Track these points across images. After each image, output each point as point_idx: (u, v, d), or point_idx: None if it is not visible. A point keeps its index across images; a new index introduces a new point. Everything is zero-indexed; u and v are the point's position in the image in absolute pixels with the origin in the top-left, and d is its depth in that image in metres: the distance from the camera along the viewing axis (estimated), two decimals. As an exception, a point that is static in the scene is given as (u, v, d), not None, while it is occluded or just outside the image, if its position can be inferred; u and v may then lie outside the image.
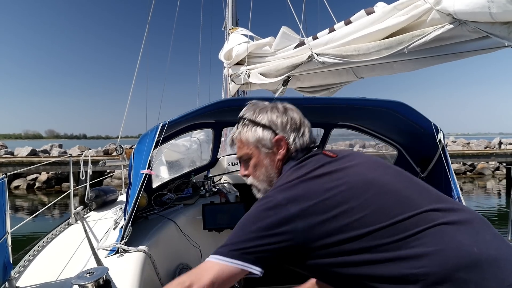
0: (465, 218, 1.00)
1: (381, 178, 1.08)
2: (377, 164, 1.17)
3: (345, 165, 1.13)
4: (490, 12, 1.88)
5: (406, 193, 1.04)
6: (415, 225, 0.95)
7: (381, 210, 0.99)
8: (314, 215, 0.99)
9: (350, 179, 1.06)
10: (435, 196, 1.07)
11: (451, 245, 0.92)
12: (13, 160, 17.66)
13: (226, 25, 6.47)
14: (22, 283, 1.69)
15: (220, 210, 2.65)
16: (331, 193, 1.02)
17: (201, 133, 4.57)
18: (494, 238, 0.97)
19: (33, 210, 13.91)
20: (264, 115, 1.31)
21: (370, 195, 1.01)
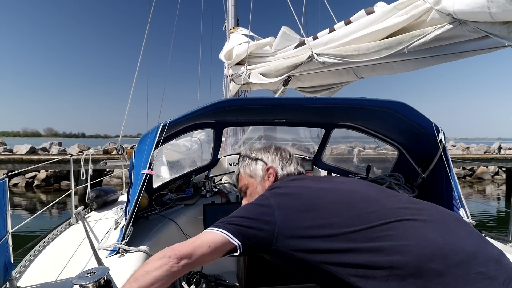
0: (436, 217, 1.09)
1: (354, 186, 1.30)
2: (356, 183, 1.38)
3: (325, 182, 1.38)
4: (489, 12, 1.88)
5: (376, 195, 1.21)
6: (379, 218, 1.07)
7: (350, 204, 1.15)
8: (290, 208, 1.18)
9: (325, 186, 1.31)
10: (406, 200, 1.20)
11: (415, 237, 1.00)
12: (12, 158, 17.64)
13: (227, 25, 6.46)
14: (23, 283, 1.70)
15: (221, 210, 2.65)
16: (306, 191, 1.26)
17: (201, 133, 4.57)
18: (469, 235, 1.04)
19: (32, 208, 13.91)
20: (257, 152, 1.60)
21: (340, 194, 1.21)
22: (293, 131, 4.59)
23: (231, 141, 5.23)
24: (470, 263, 0.93)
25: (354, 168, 3.95)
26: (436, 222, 1.06)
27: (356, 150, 4.86)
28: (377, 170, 3.84)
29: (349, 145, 5.03)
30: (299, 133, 4.55)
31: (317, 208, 1.16)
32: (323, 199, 1.19)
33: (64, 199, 11.39)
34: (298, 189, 1.30)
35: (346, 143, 5.00)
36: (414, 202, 1.18)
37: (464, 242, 1.00)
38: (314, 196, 1.22)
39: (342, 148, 4.99)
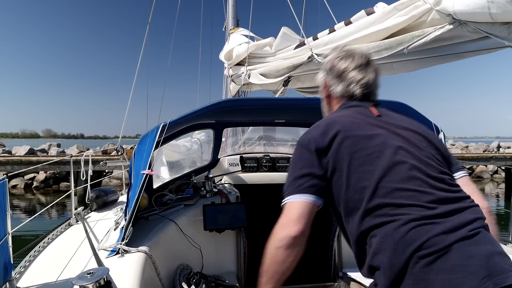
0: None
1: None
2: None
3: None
4: (490, 13, 1.88)
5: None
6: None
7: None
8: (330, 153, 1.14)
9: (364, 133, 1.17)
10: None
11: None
12: (11, 159, 17.63)
13: (227, 26, 6.46)
14: (22, 283, 1.69)
15: (221, 210, 2.65)
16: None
17: (201, 133, 4.56)
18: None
19: (31, 209, 13.88)
20: (328, 56, 1.41)
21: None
22: (293, 131, 4.59)
23: (231, 141, 5.22)
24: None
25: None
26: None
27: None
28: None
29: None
30: (299, 134, 4.55)
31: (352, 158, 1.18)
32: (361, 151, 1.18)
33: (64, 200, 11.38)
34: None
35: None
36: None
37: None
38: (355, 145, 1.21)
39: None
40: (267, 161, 3.72)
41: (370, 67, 1.34)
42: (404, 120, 1.28)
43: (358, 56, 1.33)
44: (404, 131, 1.19)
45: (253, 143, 4.94)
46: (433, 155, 1.17)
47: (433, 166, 1.12)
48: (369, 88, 1.32)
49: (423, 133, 1.22)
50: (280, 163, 3.75)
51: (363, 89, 1.31)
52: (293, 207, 1.13)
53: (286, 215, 1.14)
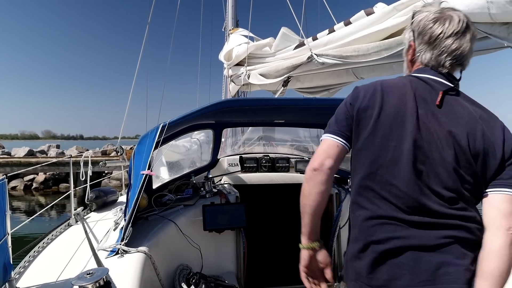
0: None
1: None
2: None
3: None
4: (489, 13, 1.88)
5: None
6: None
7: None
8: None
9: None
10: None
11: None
12: (10, 161, 17.60)
13: (226, 26, 6.47)
14: (22, 283, 1.69)
15: (220, 210, 2.65)
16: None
17: (201, 133, 4.56)
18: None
19: (30, 211, 13.85)
20: (420, 14, 1.24)
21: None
22: (292, 131, 4.59)
23: (230, 141, 5.23)
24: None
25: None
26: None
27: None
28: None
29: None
30: (298, 133, 4.56)
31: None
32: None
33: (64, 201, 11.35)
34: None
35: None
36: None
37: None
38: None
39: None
40: (266, 161, 3.72)
41: (468, 33, 1.17)
42: (459, 119, 1.13)
43: (457, 20, 1.16)
44: (442, 133, 1.12)
45: (253, 143, 4.94)
46: (455, 167, 1.10)
47: (441, 179, 1.10)
48: (461, 60, 1.18)
49: (463, 141, 1.10)
50: (279, 163, 3.75)
51: (453, 61, 1.18)
52: (322, 144, 1.24)
53: (316, 150, 1.25)
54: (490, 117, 1.16)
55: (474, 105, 1.18)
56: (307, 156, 4.17)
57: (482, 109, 1.18)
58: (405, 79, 1.24)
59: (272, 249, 3.45)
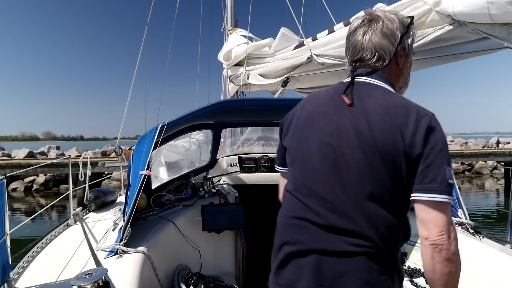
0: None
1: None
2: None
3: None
4: (489, 13, 1.87)
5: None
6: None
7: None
8: None
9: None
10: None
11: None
12: (10, 162, 17.59)
13: (225, 26, 6.47)
14: (21, 284, 1.68)
15: (219, 211, 2.65)
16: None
17: (200, 134, 4.57)
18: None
19: (31, 212, 13.84)
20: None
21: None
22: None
23: (229, 142, 5.23)
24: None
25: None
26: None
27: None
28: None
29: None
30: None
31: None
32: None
33: (64, 202, 11.32)
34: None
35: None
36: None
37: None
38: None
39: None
40: (265, 162, 3.72)
41: (363, 27, 1.22)
42: (368, 114, 1.08)
43: (359, 19, 1.26)
44: (350, 129, 1.08)
45: (252, 143, 4.94)
46: (366, 166, 1.04)
47: (353, 180, 1.05)
48: (356, 55, 1.22)
49: (370, 136, 1.04)
50: (279, 163, 3.75)
51: (352, 57, 1.25)
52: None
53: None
54: (404, 108, 1.07)
55: (391, 96, 1.12)
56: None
57: (398, 100, 1.10)
58: (331, 86, 1.27)
59: (271, 249, 3.45)
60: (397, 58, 1.21)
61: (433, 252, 0.98)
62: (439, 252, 0.97)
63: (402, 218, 1.06)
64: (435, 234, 0.98)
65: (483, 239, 1.97)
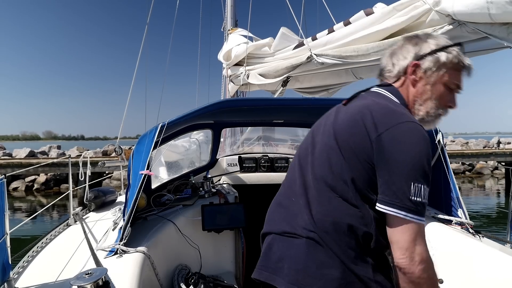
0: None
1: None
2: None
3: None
4: (489, 13, 1.88)
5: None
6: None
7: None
8: None
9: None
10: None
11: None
12: (11, 162, 17.61)
13: (225, 26, 6.47)
14: (21, 284, 1.69)
15: (219, 210, 2.65)
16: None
17: (200, 133, 4.57)
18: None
19: (31, 211, 13.86)
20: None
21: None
22: (291, 131, 4.59)
23: (229, 141, 5.23)
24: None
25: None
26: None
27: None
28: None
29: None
30: (297, 133, 4.56)
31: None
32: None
33: (64, 202, 11.33)
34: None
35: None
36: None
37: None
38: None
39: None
40: (265, 161, 3.72)
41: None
42: (345, 113, 1.15)
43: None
44: (326, 128, 1.20)
45: (252, 143, 4.94)
46: (326, 160, 1.10)
47: (315, 170, 1.13)
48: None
49: (336, 134, 1.11)
50: (278, 163, 3.75)
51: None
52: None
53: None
54: (384, 109, 1.06)
55: (382, 99, 1.15)
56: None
57: (384, 103, 1.11)
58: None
59: None
60: (410, 77, 1.19)
61: (399, 272, 0.98)
62: (403, 275, 0.97)
63: (359, 220, 1.03)
64: (397, 256, 0.96)
65: (483, 239, 1.97)
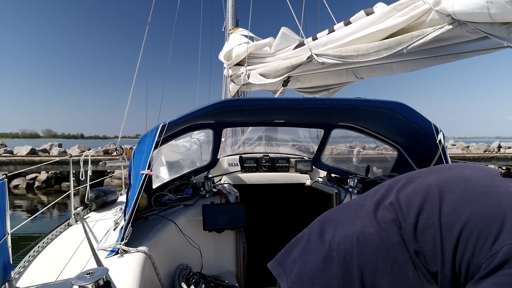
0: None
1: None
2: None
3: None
4: (489, 13, 1.88)
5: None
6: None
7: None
8: None
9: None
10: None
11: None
12: (14, 159, 17.67)
13: (226, 26, 6.47)
14: (22, 283, 1.69)
15: (220, 210, 2.65)
16: None
17: (201, 133, 4.57)
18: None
19: (32, 209, 13.89)
20: None
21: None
22: (292, 131, 4.60)
23: (230, 141, 5.24)
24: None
25: (354, 169, 3.96)
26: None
27: (355, 150, 4.87)
28: (377, 170, 3.85)
29: (349, 145, 5.05)
30: (298, 133, 4.57)
31: None
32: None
33: (65, 201, 11.32)
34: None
35: (345, 142, 5.01)
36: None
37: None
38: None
39: (341, 148, 5.00)
40: (266, 161, 3.73)
41: None
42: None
43: None
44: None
45: (253, 143, 4.95)
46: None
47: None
48: None
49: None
50: (279, 163, 3.76)
51: None
52: None
53: None
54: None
55: None
56: (307, 156, 4.18)
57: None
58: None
59: (272, 248, 3.45)
60: None
61: None
62: None
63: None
64: None
65: None
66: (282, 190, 3.62)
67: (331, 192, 3.12)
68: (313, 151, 4.10)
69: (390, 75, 3.16)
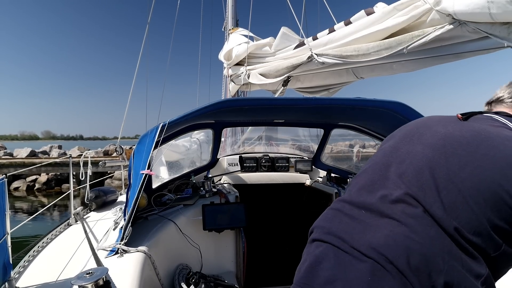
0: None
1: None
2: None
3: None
4: (490, 13, 1.87)
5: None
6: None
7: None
8: None
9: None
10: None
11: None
12: (14, 161, 17.67)
13: (226, 26, 6.47)
14: (22, 283, 1.69)
15: (220, 210, 2.65)
16: None
17: (201, 133, 4.57)
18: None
19: (33, 211, 13.87)
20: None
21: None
22: (292, 131, 4.60)
23: (230, 141, 5.24)
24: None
25: (354, 168, 3.96)
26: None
27: (355, 150, 4.87)
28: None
29: (349, 143, 5.05)
30: (298, 133, 4.57)
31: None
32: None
33: (65, 201, 11.31)
34: None
35: (345, 140, 5.01)
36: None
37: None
38: None
39: (341, 147, 5.00)
40: (266, 161, 3.73)
41: None
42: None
43: None
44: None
45: (253, 143, 4.96)
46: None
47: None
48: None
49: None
50: (279, 163, 3.76)
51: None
52: None
53: None
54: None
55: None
56: (307, 155, 4.18)
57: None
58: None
59: (271, 248, 3.45)
60: None
61: None
62: None
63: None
64: None
65: None
66: (282, 190, 3.62)
67: (331, 192, 3.12)
68: (313, 150, 4.10)
69: (390, 75, 3.16)
